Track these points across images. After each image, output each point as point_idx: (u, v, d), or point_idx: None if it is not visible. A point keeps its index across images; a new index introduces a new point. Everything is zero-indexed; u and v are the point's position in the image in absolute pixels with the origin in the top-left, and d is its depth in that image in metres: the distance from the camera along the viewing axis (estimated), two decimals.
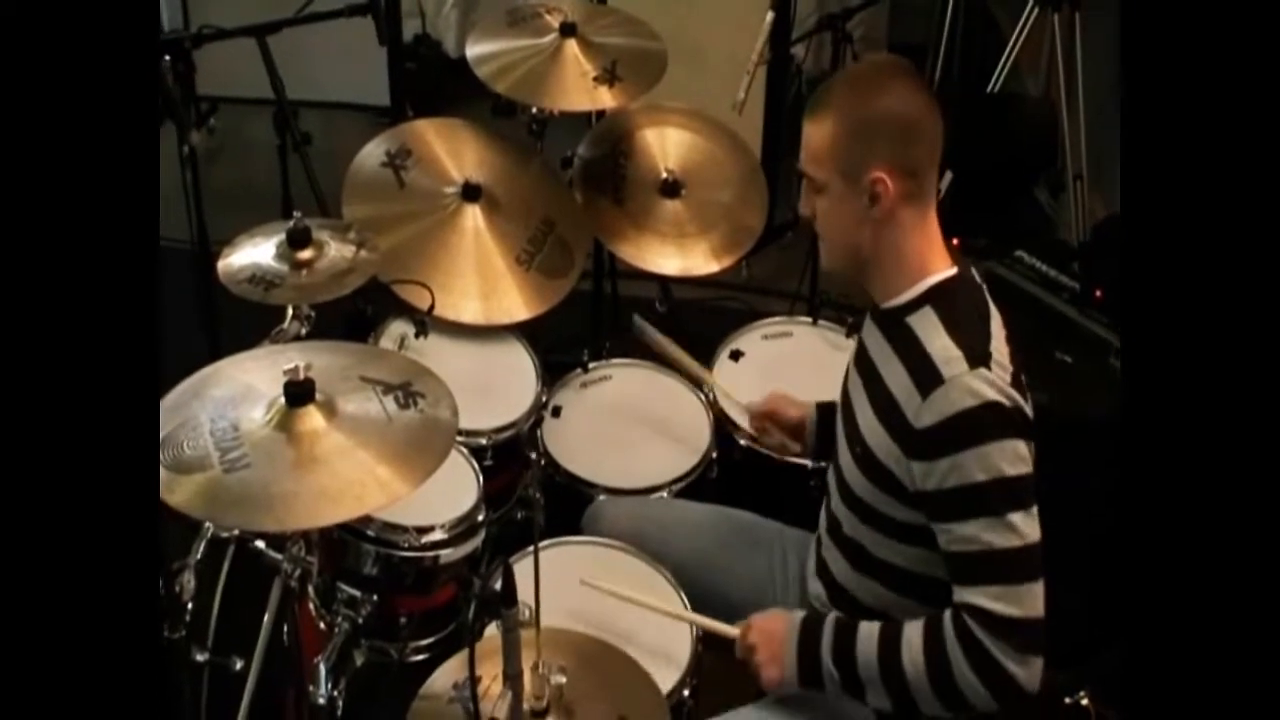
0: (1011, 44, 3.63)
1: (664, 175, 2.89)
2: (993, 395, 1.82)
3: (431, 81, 4.69)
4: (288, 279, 2.16)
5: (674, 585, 2.27)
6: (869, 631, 1.94)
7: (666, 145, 2.93)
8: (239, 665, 2.29)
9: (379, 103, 4.55)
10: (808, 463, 2.53)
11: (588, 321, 3.20)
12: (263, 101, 3.01)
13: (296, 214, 2.18)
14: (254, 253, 2.21)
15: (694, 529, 2.41)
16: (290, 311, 2.22)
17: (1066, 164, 3.75)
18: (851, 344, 2.19)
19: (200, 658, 2.31)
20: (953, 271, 1.95)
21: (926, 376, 1.86)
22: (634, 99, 2.76)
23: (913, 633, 1.90)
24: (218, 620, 2.38)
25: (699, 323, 3.35)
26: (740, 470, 2.65)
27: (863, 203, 1.89)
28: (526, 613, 1.72)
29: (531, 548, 1.86)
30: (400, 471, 1.77)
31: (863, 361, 2.05)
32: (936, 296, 1.92)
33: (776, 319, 2.97)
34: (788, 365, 2.83)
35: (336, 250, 2.23)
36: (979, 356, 1.85)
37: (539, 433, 2.62)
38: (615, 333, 3.03)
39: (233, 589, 2.40)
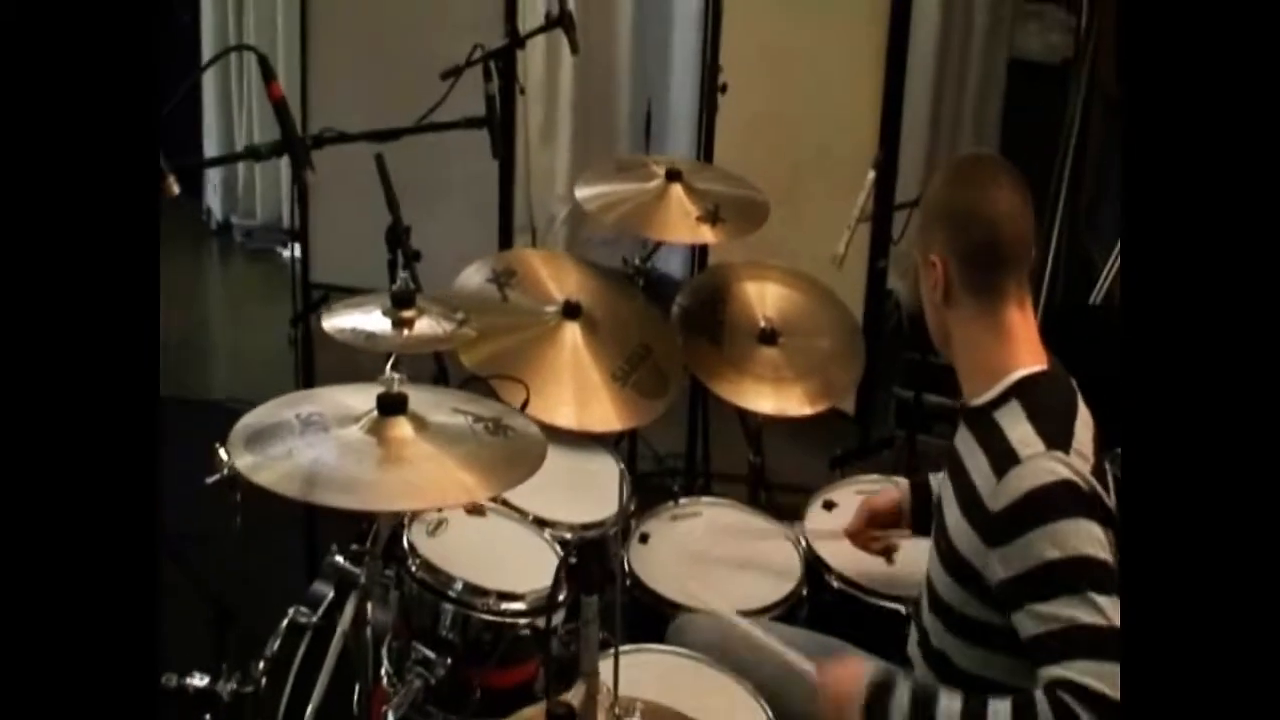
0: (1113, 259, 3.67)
1: (762, 324, 2.93)
2: (1067, 474, 1.79)
3: None
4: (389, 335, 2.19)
5: (756, 698, 2.16)
6: (950, 702, 1.83)
7: (765, 297, 2.99)
8: None
9: None
10: (901, 608, 2.43)
11: None
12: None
13: (403, 275, 2.22)
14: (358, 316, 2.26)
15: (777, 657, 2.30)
16: (390, 362, 2.23)
17: None
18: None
19: None
20: (1041, 368, 1.94)
21: (1005, 461, 1.83)
22: (736, 237, 2.84)
23: (1001, 708, 1.78)
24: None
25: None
26: (832, 612, 2.55)
27: (930, 285, 1.95)
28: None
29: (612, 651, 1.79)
30: (483, 479, 1.78)
31: (952, 463, 2.03)
32: (1022, 391, 1.91)
33: (874, 476, 2.92)
34: None
35: (435, 320, 2.27)
36: (1058, 442, 1.83)
37: (625, 555, 2.56)
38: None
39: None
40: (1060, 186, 3.71)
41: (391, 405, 1.82)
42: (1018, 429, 1.85)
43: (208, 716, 2.27)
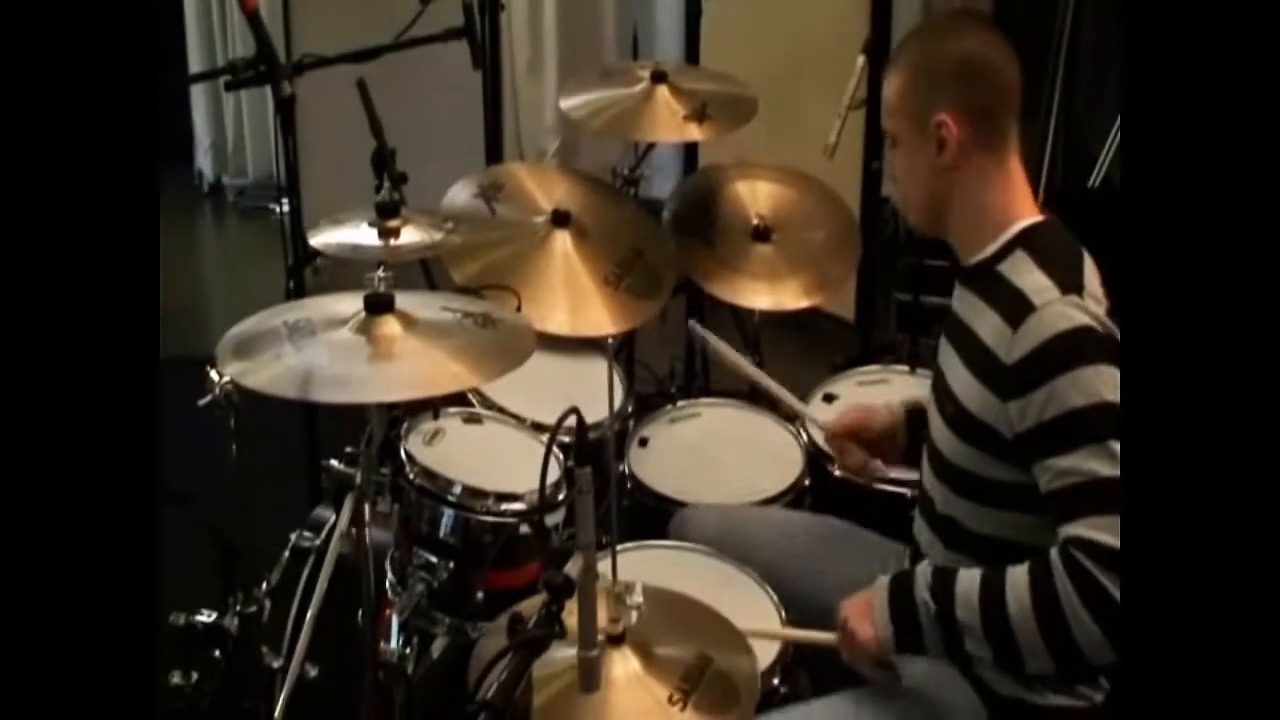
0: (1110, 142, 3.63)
1: (754, 221, 2.91)
2: (1085, 319, 1.75)
3: None
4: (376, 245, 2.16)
5: (761, 585, 2.16)
6: (970, 574, 1.81)
7: (757, 194, 2.96)
8: (313, 673, 2.23)
9: None
10: (907, 491, 2.40)
11: None
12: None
13: (386, 184, 2.20)
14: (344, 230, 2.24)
15: (786, 531, 2.30)
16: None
17: None
18: None
19: (275, 664, 2.24)
20: (1041, 218, 1.91)
21: (1018, 310, 1.79)
22: (724, 133, 2.81)
23: (1018, 572, 1.76)
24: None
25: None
26: (836, 501, 2.52)
27: (931, 150, 1.88)
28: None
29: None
30: (473, 367, 1.76)
31: (953, 327, 1.98)
32: (1026, 240, 1.87)
33: (873, 367, 2.91)
34: None
35: (422, 229, 2.25)
36: (1071, 287, 1.79)
37: (625, 459, 2.56)
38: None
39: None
40: (1056, 72, 3.66)
41: (379, 304, 1.80)
42: (1028, 277, 1.81)
43: (217, 652, 2.29)
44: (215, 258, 5.49)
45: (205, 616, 2.30)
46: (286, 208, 2.89)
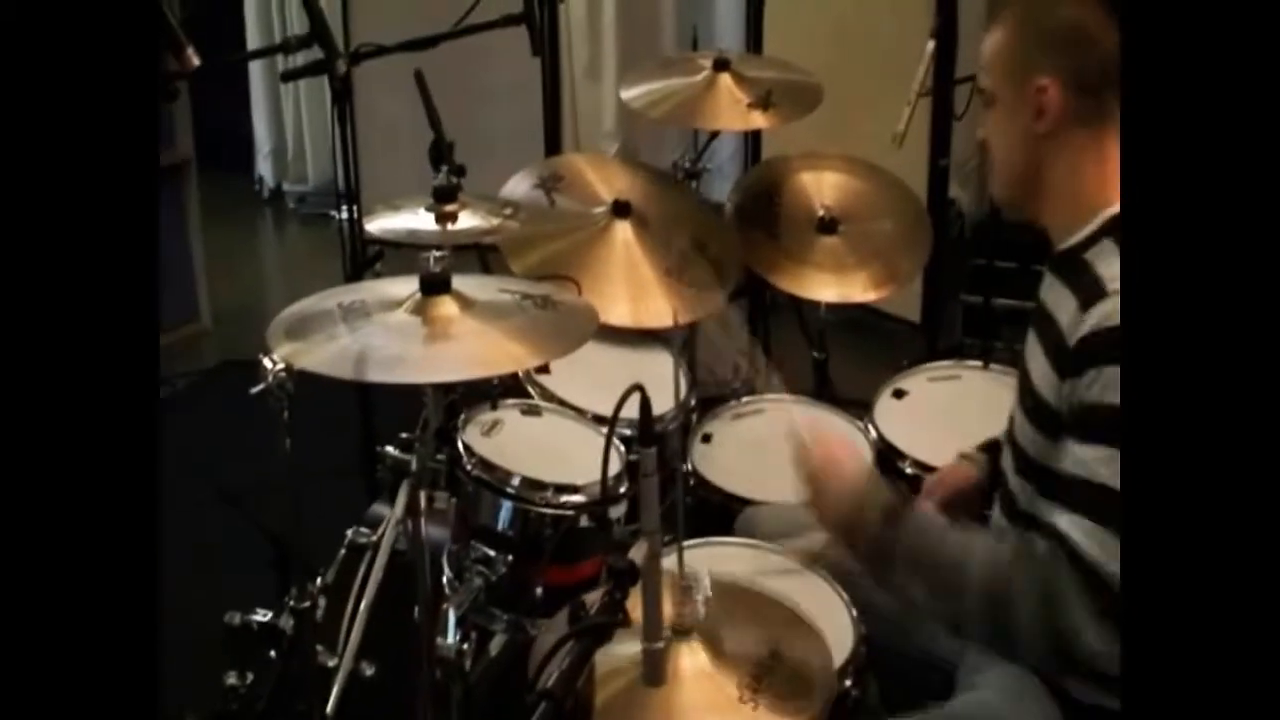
0: None
1: (820, 213, 2.83)
2: None
3: None
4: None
5: (836, 589, 2.06)
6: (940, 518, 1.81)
7: (822, 185, 2.89)
8: (369, 672, 2.17)
9: None
10: None
11: None
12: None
13: (444, 168, 2.15)
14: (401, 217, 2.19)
15: None
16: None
17: None
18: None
19: (330, 664, 2.19)
20: None
21: (1092, 296, 1.68)
22: (788, 121, 2.74)
23: (984, 537, 1.77)
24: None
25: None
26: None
27: (1029, 115, 1.77)
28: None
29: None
30: (532, 348, 1.71)
31: (1039, 317, 1.88)
32: (1116, 228, 1.75)
33: (945, 363, 2.81)
34: (954, 407, 2.65)
35: (480, 214, 2.19)
36: None
37: (689, 456, 2.49)
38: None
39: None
40: None
41: (435, 285, 1.74)
42: (1111, 266, 1.70)
43: (272, 652, 2.24)
44: (275, 264, 5.50)
45: (261, 616, 2.25)
46: (344, 209, 2.85)
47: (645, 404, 1.49)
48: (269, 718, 2.25)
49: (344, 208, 2.83)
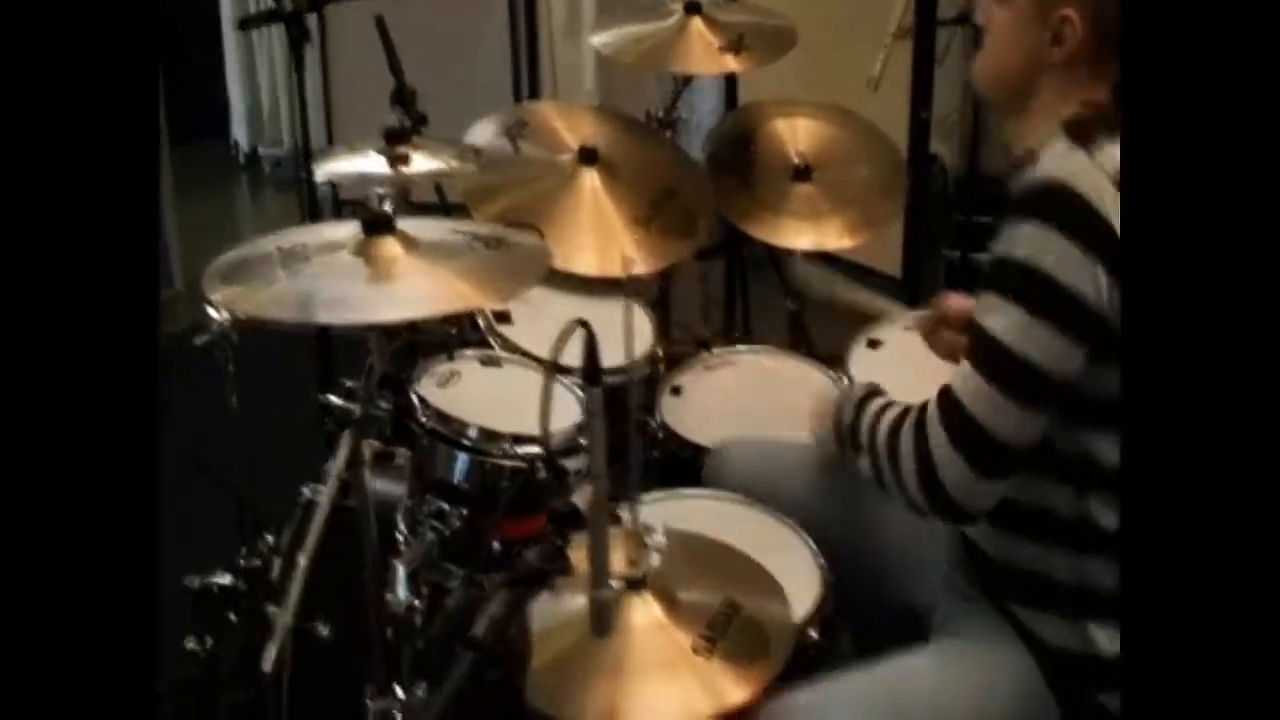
0: None
1: (795, 160, 2.77)
2: (1073, 181, 1.57)
3: None
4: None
5: (803, 538, 2.00)
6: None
7: (797, 132, 2.82)
8: (325, 631, 2.11)
9: None
10: None
11: None
12: None
13: (398, 108, 2.07)
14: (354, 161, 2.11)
15: (837, 472, 2.13)
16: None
17: None
18: None
19: (284, 622, 2.13)
20: None
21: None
22: (761, 65, 2.67)
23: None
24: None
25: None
26: None
27: (1044, 38, 1.69)
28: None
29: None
30: (483, 288, 1.62)
31: None
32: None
33: (919, 312, 2.74)
34: (929, 355, 2.55)
35: (435, 156, 2.11)
36: (1087, 147, 1.61)
37: (657, 408, 2.41)
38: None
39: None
40: None
41: (377, 224, 1.66)
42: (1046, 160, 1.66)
43: (232, 615, 2.18)
44: (252, 228, 5.40)
45: (221, 579, 2.20)
46: (302, 162, 2.77)
47: (591, 341, 1.42)
48: (233, 681, 2.20)
49: (301, 160, 2.75)
